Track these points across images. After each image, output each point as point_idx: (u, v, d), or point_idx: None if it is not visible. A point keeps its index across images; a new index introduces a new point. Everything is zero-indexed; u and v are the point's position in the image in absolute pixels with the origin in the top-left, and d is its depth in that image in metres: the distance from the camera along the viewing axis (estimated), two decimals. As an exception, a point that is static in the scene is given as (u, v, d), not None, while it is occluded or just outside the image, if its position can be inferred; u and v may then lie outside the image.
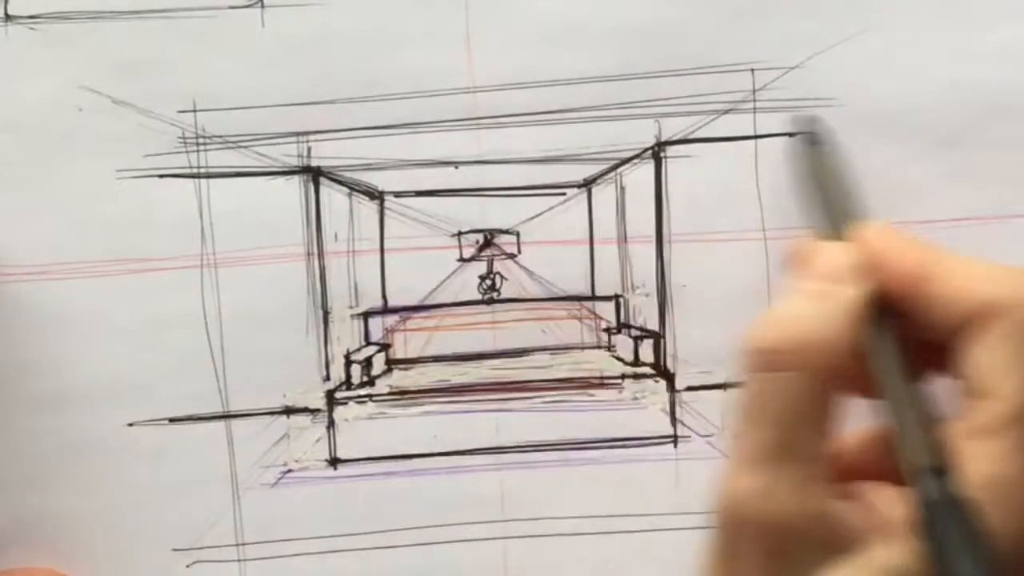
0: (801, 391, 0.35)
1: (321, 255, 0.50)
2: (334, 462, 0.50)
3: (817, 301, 0.36)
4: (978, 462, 0.34)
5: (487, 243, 0.50)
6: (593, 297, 0.51)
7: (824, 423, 0.35)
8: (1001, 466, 0.34)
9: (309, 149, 0.49)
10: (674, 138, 0.49)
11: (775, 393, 0.35)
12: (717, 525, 0.36)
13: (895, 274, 0.37)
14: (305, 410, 0.50)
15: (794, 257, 0.40)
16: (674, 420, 0.50)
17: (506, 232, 0.50)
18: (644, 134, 0.49)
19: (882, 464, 0.36)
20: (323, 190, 0.50)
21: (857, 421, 0.38)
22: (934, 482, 0.33)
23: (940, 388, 0.37)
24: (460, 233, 0.50)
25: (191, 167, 0.49)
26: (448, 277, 0.50)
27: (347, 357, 0.50)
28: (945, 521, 0.32)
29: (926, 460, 0.34)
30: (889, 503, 0.35)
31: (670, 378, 0.50)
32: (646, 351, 0.50)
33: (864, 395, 0.37)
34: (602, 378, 0.51)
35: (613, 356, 0.52)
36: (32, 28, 0.49)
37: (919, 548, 0.32)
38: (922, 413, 0.35)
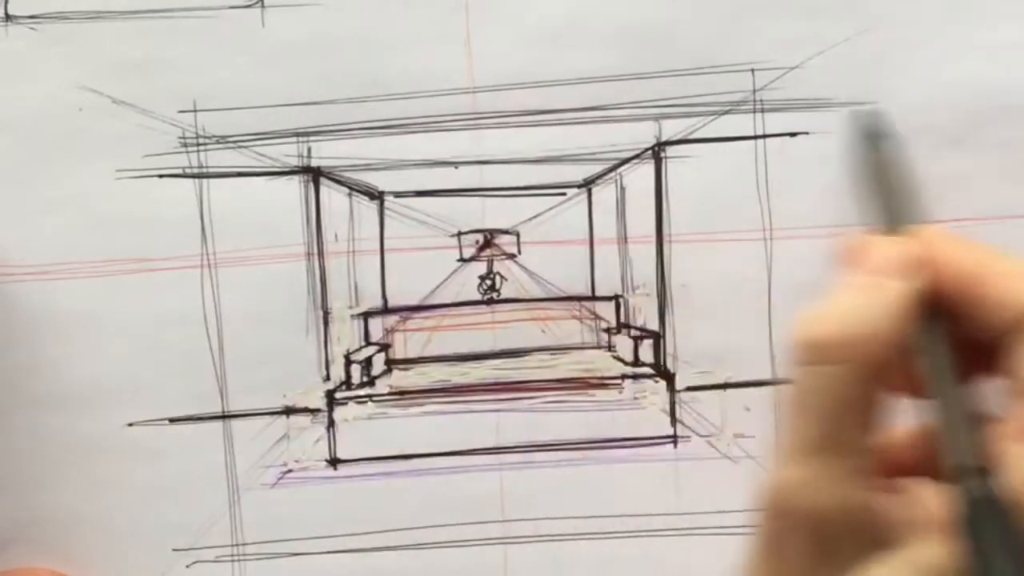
0: (848, 385, 0.35)
1: (321, 255, 0.50)
2: (334, 462, 0.50)
3: (867, 295, 0.36)
4: (1021, 463, 0.34)
5: (487, 243, 0.50)
6: (593, 297, 0.51)
7: (870, 417, 0.35)
8: None
9: (309, 149, 0.49)
10: (674, 138, 0.49)
11: (823, 386, 0.35)
12: (763, 517, 0.36)
13: (950, 273, 0.37)
14: (305, 410, 0.50)
15: (847, 251, 0.40)
16: (674, 420, 0.50)
17: (506, 232, 0.50)
18: (644, 134, 0.49)
19: (928, 462, 0.37)
20: (323, 190, 0.50)
21: (905, 417, 0.38)
22: (975, 482, 0.33)
23: (989, 390, 0.37)
24: (460, 233, 0.50)
25: (191, 167, 0.49)
26: (448, 277, 0.50)
27: (347, 357, 0.50)
28: (984, 521, 0.32)
29: (969, 460, 0.34)
30: (932, 501, 0.35)
31: (670, 378, 0.50)
32: (646, 351, 0.50)
33: (910, 393, 0.38)
34: (602, 378, 0.51)
35: (613, 356, 0.52)
36: (32, 28, 0.49)
37: (957, 548, 0.33)
38: (968, 413, 0.35)
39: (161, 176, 0.49)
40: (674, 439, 0.50)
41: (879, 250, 0.38)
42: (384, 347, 0.51)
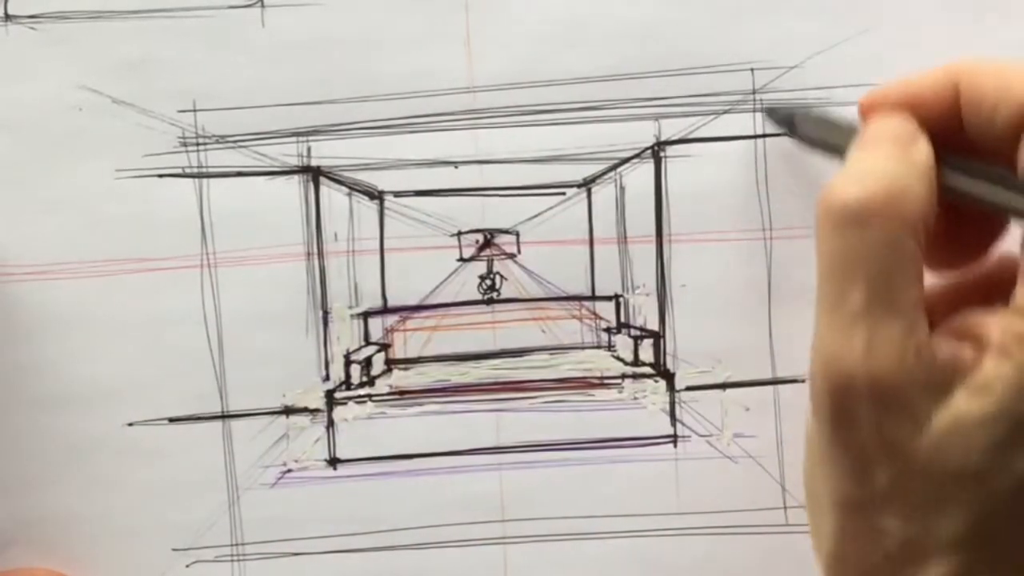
0: (898, 244, 0.34)
1: (321, 255, 0.50)
2: (333, 462, 0.50)
3: (898, 157, 0.36)
4: None
5: (487, 243, 0.50)
6: (593, 297, 0.51)
7: (919, 273, 0.35)
8: None
9: (309, 149, 0.49)
10: (674, 138, 0.49)
11: (871, 248, 0.34)
12: (823, 394, 0.35)
13: (936, 102, 0.37)
14: (304, 410, 0.50)
15: (867, 107, 0.39)
16: (674, 420, 0.50)
17: (506, 232, 0.50)
18: (644, 134, 0.49)
19: (975, 294, 0.37)
20: (323, 190, 0.50)
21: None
22: None
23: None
24: (460, 233, 0.50)
25: (191, 167, 0.49)
26: (448, 277, 0.50)
27: (347, 357, 0.50)
28: None
29: None
30: (992, 326, 0.34)
31: (670, 378, 0.50)
32: (646, 351, 0.50)
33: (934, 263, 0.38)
34: (602, 378, 0.51)
35: (613, 356, 0.52)
36: (32, 28, 0.49)
37: None
38: None
39: (161, 176, 0.49)
40: (674, 439, 0.50)
41: (887, 122, 0.38)
42: (384, 347, 0.51)
